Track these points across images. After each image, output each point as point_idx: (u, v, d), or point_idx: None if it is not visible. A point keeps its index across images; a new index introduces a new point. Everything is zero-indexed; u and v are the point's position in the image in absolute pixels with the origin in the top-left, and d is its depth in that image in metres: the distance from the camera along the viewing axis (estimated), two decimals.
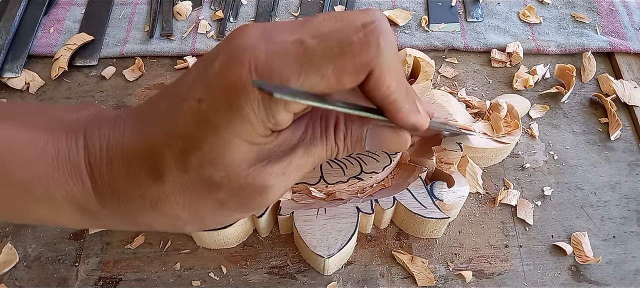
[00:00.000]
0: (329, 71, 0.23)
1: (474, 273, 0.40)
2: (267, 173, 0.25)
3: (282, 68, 0.22)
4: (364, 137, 0.27)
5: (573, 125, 0.49)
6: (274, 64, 0.22)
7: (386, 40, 0.23)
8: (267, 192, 0.25)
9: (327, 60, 0.22)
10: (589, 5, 0.58)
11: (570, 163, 0.46)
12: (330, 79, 0.23)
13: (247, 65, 0.22)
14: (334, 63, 0.22)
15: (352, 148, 0.28)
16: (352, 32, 0.23)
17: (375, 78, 0.23)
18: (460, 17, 0.57)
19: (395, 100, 0.25)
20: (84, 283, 0.40)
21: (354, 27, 0.23)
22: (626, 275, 0.41)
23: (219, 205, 0.26)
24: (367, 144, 0.28)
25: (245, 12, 0.58)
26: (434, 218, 0.39)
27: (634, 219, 0.43)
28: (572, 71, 0.50)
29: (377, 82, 0.24)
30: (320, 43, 0.23)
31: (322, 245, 0.37)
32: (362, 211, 0.39)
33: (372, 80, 0.24)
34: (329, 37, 0.23)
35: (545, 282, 0.40)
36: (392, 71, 0.24)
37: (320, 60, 0.22)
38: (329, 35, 0.23)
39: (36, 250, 0.41)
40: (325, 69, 0.22)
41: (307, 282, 0.40)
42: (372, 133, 0.27)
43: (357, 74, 0.23)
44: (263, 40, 0.23)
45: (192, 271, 0.41)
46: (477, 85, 0.51)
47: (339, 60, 0.23)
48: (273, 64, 0.22)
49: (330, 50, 0.23)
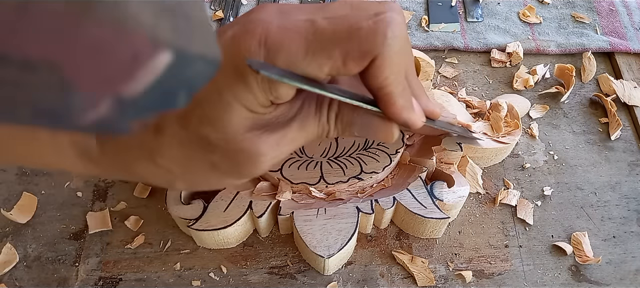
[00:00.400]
0: (335, 53, 0.23)
1: (474, 273, 0.40)
2: (262, 141, 0.26)
3: (291, 44, 0.23)
4: (354, 122, 0.28)
5: (573, 125, 0.49)
6: (284, 39, 0.23)
7: (394, 31, 0.24)
8: (259, 160, 0.26)
9: (334, 42, 0.23)
10: (589, 5, 0.58)
11: (570, 163, 0.46)
12: (336, 61, 0.24)
13: (257, 37, 0.23)
14: (341, 45, 0.23)
15: (342, 130, 0.29)
16: (363, 19, 0.24)
17: (376, 66, 0.24)
18: (460, 17, 0.57)
19: (390, 93, 0.26)
20: (84, 283, 0.40)
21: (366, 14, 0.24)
22: (626, 275, 0.41)
23: (211, 166, 0.27)
24: (356, 129, 0.28)
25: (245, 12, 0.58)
26: (434, 218, 0.39)
27: (634, 219, 0.43)
28: (571, 71, 0.50)
29: (377, 70, 0.24)
30: (330, 25, 0.23)
31: (322, 245, 0.37)
32: (362, 211, 0.39)
33: (373, 68, 0.24)
34: (341, 21, 0.24)
35: (545, 282, 0.40)
36: (393, 63, 0.24)
37: (329, 41, 0.23)
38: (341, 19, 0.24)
39: (36, 250, 0.41)
40: (332, 51, 0.23)
41: (307, 282, 0.40)
42: (362, 120, 0.28)
43: (361, 60, 0.24)
44: (277, 16, 0.24)
45: (192, 271, 0.41)
46: (477, 85, 0.51)
47: (346, 43, 0.23)
48: (283, 39, 0.23)
49: (339, 32, 0.23)
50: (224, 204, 0.39)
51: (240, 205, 0.39)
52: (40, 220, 0.43)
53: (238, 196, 0.39)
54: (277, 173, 0.40)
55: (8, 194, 0.44)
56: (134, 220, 0.43)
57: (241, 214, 0.39)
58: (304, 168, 0.40)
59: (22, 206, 0.43)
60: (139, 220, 0.43)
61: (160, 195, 0.44)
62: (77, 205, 0.44)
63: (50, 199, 0.44)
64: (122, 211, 0.43)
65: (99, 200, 0.44)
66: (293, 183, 0.40)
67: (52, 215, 0.43)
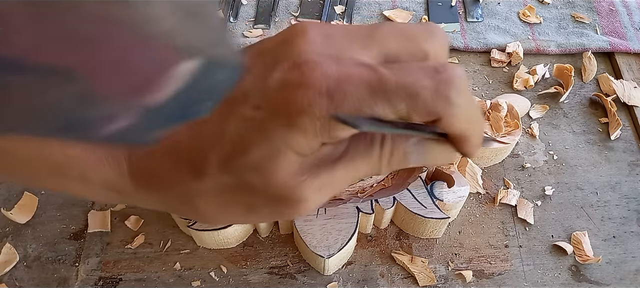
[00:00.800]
0: (401, 106, 0.22)
1: (474, 273, 0.40)
2: (306, 186, 0.24)
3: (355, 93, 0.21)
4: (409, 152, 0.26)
5: (573, 125, 0.49)
6: (347, 89, 0.21)
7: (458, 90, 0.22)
8: (301, 205, 0.25)
9: (399, 96, 0.22)
10: (589, 5, 0.58)
11: (570, 163, 0.46)
12: (401, 113, 0.22)
13: (316, 86, 0.21)
14: (405, 101, 0.22)
15: (396, 165, 0.26)
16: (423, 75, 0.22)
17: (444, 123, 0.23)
18: (460, 17, 0.57)
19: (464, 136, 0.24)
20: (84, 283, 0.40)
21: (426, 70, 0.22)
22: (626, 275, 0.41)
23: (250, 208, 0.26)
24: (413, 159, 0.26)
25: (245, 12, 0.58)
26: (434, 218, 0.39)
27: (634, 219, 0.43)
28: (570, 71, 0.50)
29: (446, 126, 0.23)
30: (393, 75, 0.22)
31: (322, 245, 0.37)
32: (362, 211, 0.39)
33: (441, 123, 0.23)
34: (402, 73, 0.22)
35: (545, 282, 0.40)
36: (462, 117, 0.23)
37: (393, 95, 0.22)
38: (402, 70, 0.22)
39: (36, 250, 0.41)
40: (398, 104, 0.22)
41: (307, 282, 0.40)
42: (418, 149, 0.26)
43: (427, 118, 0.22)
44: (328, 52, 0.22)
45: (192, 271, 0.41)
46: (477, 85, 0.51)
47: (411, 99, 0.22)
48: (346, 89, 0.21)
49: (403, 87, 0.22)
50: None
51: None
52: (40, 220, 0.43)
53: None
54: None
55: (8, 194, 0.44)
56: (134, 220, 0.43)
57: None
58: None
59: (22, 206, 0.43)
60: (139, 220, 0.43)
61: None
62: (77, 205, 0.44)
63: (50, 199, 0.44)
64: (122, 211, 0.43)
65: None
66: None
67: (52, 215, 0.43)
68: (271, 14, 0.57)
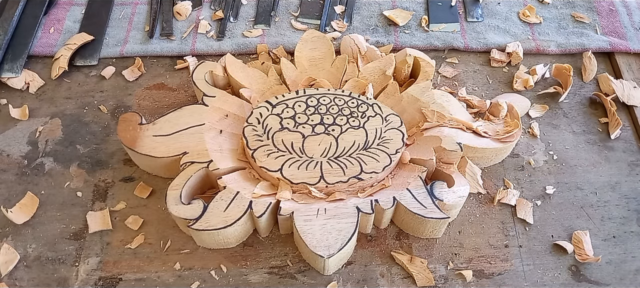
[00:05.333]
0: None
1: (474, 273, 0.40)
2: None
3: None
4: None
5: (573, 125, 0.49)
6: None
7: None
8: None
9: None
10: (589, 5, 0.58)
11: (570, 163, 0.46)
12: None
13: None
14: None
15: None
16: None
17: None
18: (460, 17, 0.57)
19: None
20: (84, 283, 0.40)
21: None
22: (626, 275, 0.41)
23: None
24: None
25: (245, 12, 0.58)
26: (434, 218, 0.39)
27: (634, 219, 0.43)
28: (569, 71, 0.50)
29: None
30: None
31: (322, 245, 0.37)
32: (362, 211, 0.39)
33: None
34: None
35: (545, 281, 0.40)
36: None
37: None
38: None
39: (36, 250, 0.41)
40: None
41: (307, 282, 0.40)
42: None
43: None
44: None
45: (192, 271, 0.41)
46: (477, 85, 0.51)
47: None
48: None
49: None
50: (224, 204, 0.39)
51: (240, 205, 0.39)
52: (40, 220, 0.43)
53: (238, 196, 0.39)
54: (277, 173, 0.40)
55: (8, 194, 0.44)
56: (134, 220, 0.43)
57: (241, 214, 0.38)
58: (304, 168, 0.40)
59: (22, 206, 0.43)
60: (139, 220, 0.43)
61: (160, 195, 0.44)
62: (77, 205, 0.44)
63: (50, 199, 0.44)
64: (122, 211, 0.43)
65: (99, 200, 0.44)
66: (293, 184, 0.40)
67: (52, 215, 0.43)
68: (271, 14, 0.57)
